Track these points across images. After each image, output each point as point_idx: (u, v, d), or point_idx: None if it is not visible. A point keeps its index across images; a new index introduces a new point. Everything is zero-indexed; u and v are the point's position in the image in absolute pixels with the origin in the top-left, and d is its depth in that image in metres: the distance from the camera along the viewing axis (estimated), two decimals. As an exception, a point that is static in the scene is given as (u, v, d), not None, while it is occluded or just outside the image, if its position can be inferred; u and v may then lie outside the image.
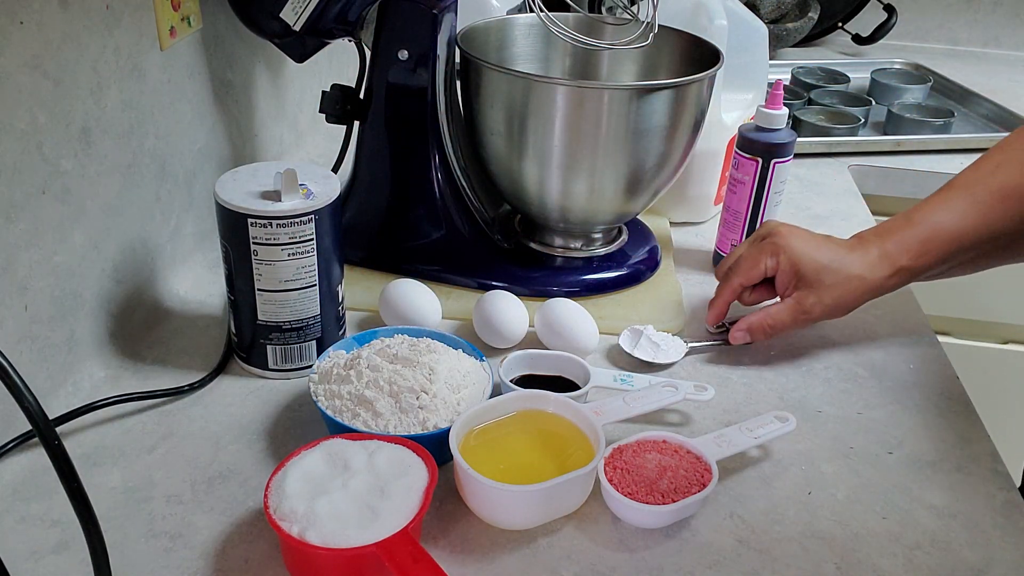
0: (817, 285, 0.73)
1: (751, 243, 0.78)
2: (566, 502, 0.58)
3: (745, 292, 0.78)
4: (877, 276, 0.72)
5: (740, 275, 0.76)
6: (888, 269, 0.72)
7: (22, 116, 0.60)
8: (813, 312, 0.73)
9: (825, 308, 0.73)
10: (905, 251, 0.72)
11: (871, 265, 0.72)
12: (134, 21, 0.72)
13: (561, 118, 0.75)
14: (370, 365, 0.63)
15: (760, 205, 0.86)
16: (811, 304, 0.73)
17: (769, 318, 0.75)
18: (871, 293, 0.73)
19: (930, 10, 1.81)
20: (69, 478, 0.38)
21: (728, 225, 0.89)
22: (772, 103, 0.83)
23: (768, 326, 0.75)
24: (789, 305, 0.74)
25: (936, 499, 0.62)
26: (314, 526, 0.51)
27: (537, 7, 0.77)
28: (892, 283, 0.73)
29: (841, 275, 0.72)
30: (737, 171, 0.86)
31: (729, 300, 0.78)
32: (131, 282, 0.76)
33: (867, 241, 0.74)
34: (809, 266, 0.73)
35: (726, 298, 0.78)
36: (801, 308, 0.74)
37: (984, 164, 0.72)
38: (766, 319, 0.75)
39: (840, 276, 0.72)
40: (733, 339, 0.77)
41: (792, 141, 0.84)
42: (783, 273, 0.74)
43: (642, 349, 0.74)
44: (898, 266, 0.72)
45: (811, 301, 0.73)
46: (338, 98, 0.82)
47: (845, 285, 0.72)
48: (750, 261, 0.76)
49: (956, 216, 0.71)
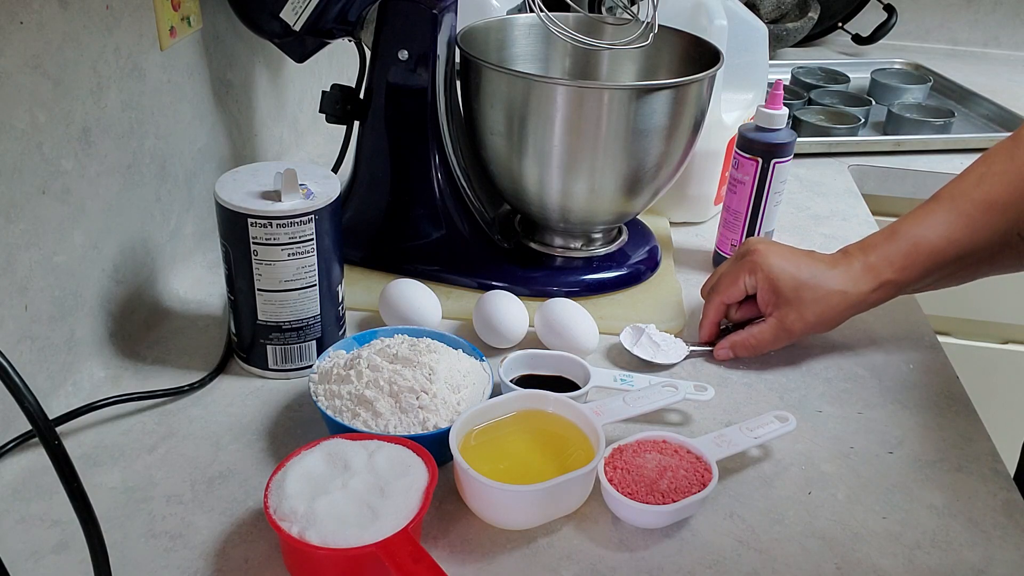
0: (797, 302, 0.73)
1: (732, 261, 0.78)
2: (566, 502, 0.58)
3: (731, 309, 0.78)
4: (860, 290, 0.72)
5: (721, 294, 0.77)
6: (872, 283, 0.72)
7: (22, 116, 0.60)
8: (794, 329, 0.73)
9: (807, 324, 0.73)
10: (888, 264, 0.71)
11: (854, 279, 0.72)
12: (134, 21, 0.72)
13: (561, 118, 0.75)
14: (370, 365, 0.63)
15: (760, 205, 0.86)
16: (792, 321, 0.73)
17: (752, 337, 0.75)
18: (853, 308, 0.73)
19: (930, 10, 1.81)
20: (69, 478, 0.38)
21: (728, 225, 0.89)
22: (772, 103, 0.83)
23: (751, 345, 0.75)
24: (771, 324, 0.74)
25: (936, 499, 0.62)
26: (314, 526, 0.51)
27: (537, 7, 0.77)
28: (875, 297, 0.72)
29: (822, 291, 0.72)
30: (737, 171, 0.86)
31: (715, 319, 0.78)
32: (131, 282, 0.76)
33: (850, 255, 0.73)
34: (788, 283, 0.73)
35: (712, 318, 0.78)
36: (782, 326, 0.74)
37: (967, 176, 0.72)
38: (749, 338, 0.75)
39: (821, 292, 0.72)
40: (717, 356, 0.77)
41: (792, 141, 0.84)
42: (762, 291, 0.74)
43: (642, 348, 0.74)
44: (882, 280, 0.72)
45: (792, 318, 0.73)
46: (338, 98, 0.82)
47: (826, 301, 0.72)
48: (729, 279, 0.76)
49: (940, 229, 0.70)
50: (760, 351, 0.76)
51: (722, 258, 0.90)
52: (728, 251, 0.89)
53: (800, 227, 1.01)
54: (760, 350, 0.75)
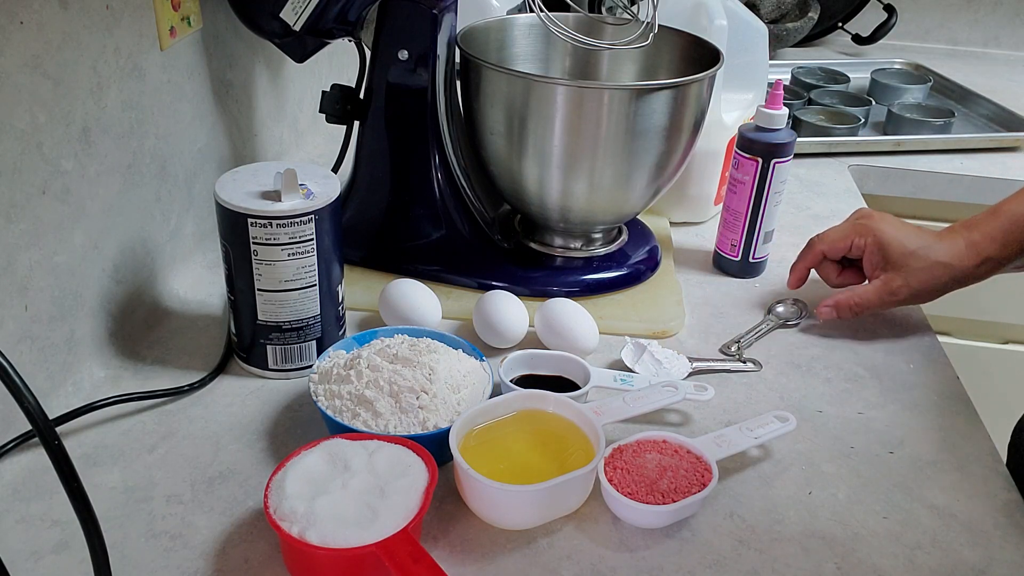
0: (904, 268, 0.76)
1: (846, 221, 0.81)
2: (566, 502, 0.58)
3: (833, 273, 0.81)
4: (964, 265, 0.75)
5: (825, 243, 0.80)
6: (975, 259, 0.74)
7: (22, 116, 0.60)
8: (899, 294, 0.76)
9: (911, 291, 0.76)
10: (991, 241, 0.74)
11: (958, 254, 0.75)
12: (134, 21, 0.72)
13: (561, 118, 0.75)
14: (370, 365, 0.63)
15: (760, 205, 0.86)
16: (898, 286, 0.76)
17: (856, 296, 0.78)
18: (957, 283, 0.75)
19: (930, 10, 1.81)
20: (69, 478, 0.38)
21: (728, 225, 0.89)
22: (772, 103, 0.83)
23: (855, 303, 0.78)
24: (876, 286, 0.77)
25: (936, 499, 0.62)
26: (314, 526, 0.51)
27: (537, 7, 0.77)
28: (980, 272, 0.75)
29: (928, 261, 0.75)
30: (737, 171, 0.86)
31: (810, 265, 0.81)
32: (131, 282, 0.76)
33: (955, 232, 0.76)
34: (897, 249, 0.76)
35: (807, 263, 0.81)
36: (888, 289, 0.76)
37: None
38: (853, 297, 0.78)
39: (927, 262, 0.75)
40: (820, 314, 0.79)
41: (792, 141, 0.84)
42: (871, 254, 0.77)
43: (644, 365, 0.73)
44: (984, 256, 0.74)
45: (898, 283, 0.76)
46: (338, 98, 0.82)
47: (931, 271, 0.75)
48: (839, 233, 0.79)
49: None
50: (862, 312, 0.78)
51: (722, 258, 0.91)
52: (728, 251, 0.89)
53: (800, 227, 1.01)
54: (862, 310, 0.78)
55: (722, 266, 0.91)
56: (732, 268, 0.90)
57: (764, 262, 0.90)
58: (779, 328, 0.81)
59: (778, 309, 0.84)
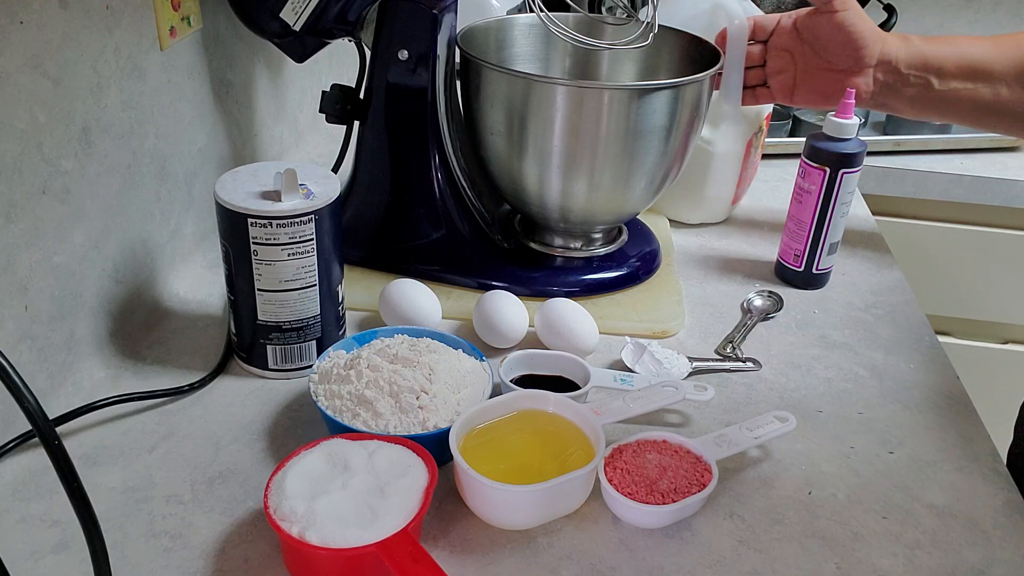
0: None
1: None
2: (566, 502, 0.58)
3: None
4: (895, 41, 0.84)
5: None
6: (902, 40, 0.83)
7: (22, 116, 0.60)
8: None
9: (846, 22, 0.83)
10: (924, 40, 0.83)
11: (895, 38, 0.84)
12: (134, 21, 0.72)
13: (561, 118, 0.75)
14: (370, 365, 0.63)
15: (826, 215, 0.84)
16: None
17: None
18: (881, 40, 0.83)
19: (930, 10, 1.81)
20: (69, 478, 0.38)
21: (792, 235, 0.87)
22: (843, 112, 0.82)
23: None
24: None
25: (936, 499, 0.62)
26: (314, 526, 0.51)
27: (537, 7, 0.77)
28: (900, 49, 0.83)
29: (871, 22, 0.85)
30: (804, 180, 0.85)
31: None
32: (131, 282, 0.76)
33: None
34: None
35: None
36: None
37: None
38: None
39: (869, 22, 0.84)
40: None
41: (862, 151, 0.82)
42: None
43: (644, 366, 0.73)
44: (913, 43, 0.83)
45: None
46: (338, 98, 0.82)
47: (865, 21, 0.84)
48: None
49: (978, 47, 0.83)
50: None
51: (785, 268, 0.89)
52: (791, 261, 0.88)
53: (800, 227, 1.00)
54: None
55: (785, 277, 0.89)
56: (795, 279, 0.88)
57: (828, 273, 0.88)
58: (761, 321, 0.82)
59: (756, 303, 0.84)
